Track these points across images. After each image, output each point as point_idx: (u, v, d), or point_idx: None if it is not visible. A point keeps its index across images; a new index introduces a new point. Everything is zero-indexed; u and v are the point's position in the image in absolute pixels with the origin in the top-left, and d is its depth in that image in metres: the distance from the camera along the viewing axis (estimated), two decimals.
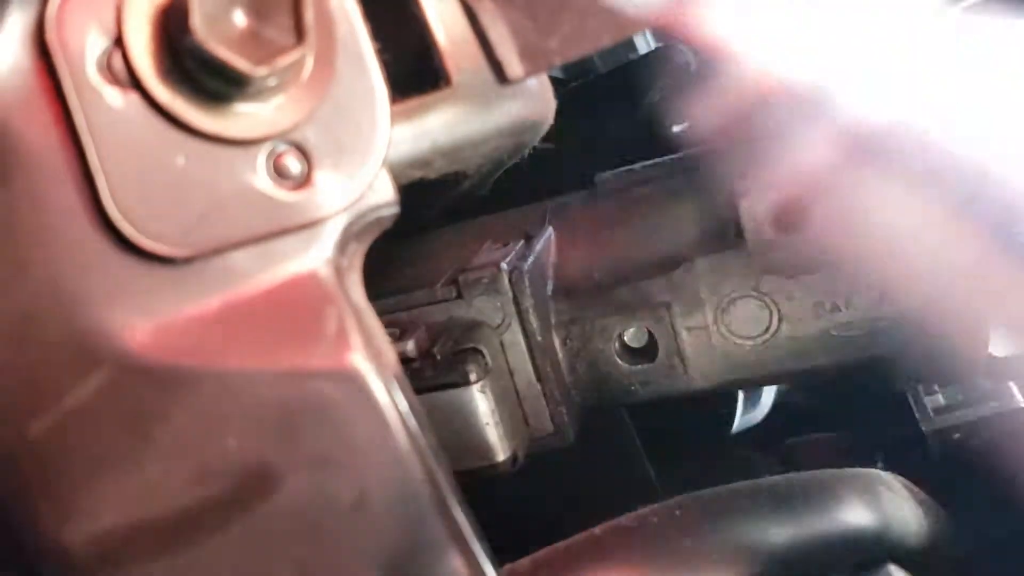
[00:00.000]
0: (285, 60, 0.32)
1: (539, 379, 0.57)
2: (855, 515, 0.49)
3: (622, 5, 0.35)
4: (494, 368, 0.55)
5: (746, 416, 0.95)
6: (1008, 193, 0.39)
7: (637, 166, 0.67)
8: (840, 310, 0.56)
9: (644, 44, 1.01)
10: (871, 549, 0.49)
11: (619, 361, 0.58)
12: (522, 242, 0.60)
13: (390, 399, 0.35)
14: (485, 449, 0.53)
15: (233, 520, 0.33)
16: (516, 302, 0.56)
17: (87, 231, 0.32)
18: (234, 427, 0.33)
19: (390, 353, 0.36)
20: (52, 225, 0.32)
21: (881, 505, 0.49)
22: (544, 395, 0.57)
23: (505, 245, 0.60)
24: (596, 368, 0.59)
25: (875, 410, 0.79)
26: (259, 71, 0.32)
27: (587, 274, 0.60)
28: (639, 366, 0.58)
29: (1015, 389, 0.66)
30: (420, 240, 0.69)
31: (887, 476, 0.52)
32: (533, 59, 0.36)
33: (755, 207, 0.57)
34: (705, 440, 0.93)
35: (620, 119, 0.86)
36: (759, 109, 0.43)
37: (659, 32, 0.94)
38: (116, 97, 0.32)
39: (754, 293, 0.57)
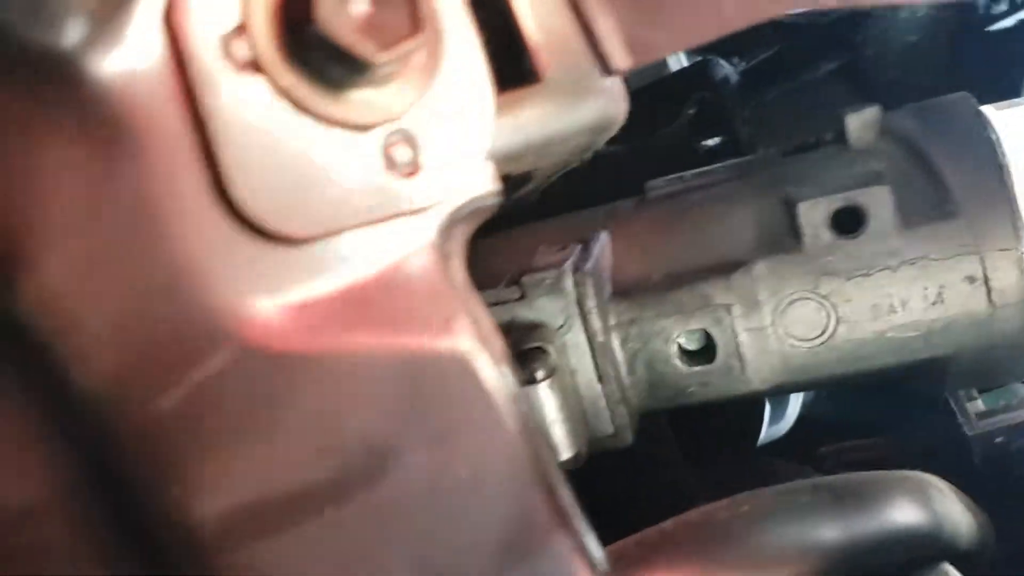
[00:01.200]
0: (405, 47, 0.33)
1: (600, 379, 0.57)
2: (909, 515, 0.49)
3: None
4: (558, 368, 0.56)
5: (772, 429, 0.96)
6: None
7: (687, 174, 0.68)
8: (896, 311, 0.57)
9: (676, 62, 1.02)
10: (925, 549, 0.50)
11: (678, 362, 0.59)
12: (580, 246, 0.61)
13: (500, 381, 0.35)
14: (551, 447, 0.54)
15: (356, 497, 0.33)
16: (579, 303, 0.57)
17: (211, 210, 0.33)
18: (355, 405, 0.33)
19: (497, 337, 0.37)
20: (177, 204, 0.32)
21: (933, 506, 0.50)
22: (605, 395, 0.58)
23: (563, 248, 0.61)
24: (654, 369, 0.59)
25: (907, 418, 0.80)
26: (380, 57, 0.33)
27: (645, 276, 0.60)
28: (698, 367, 0.59)
29: None
30: (471, 246, 0.69)
31: (936, 479, 0.53)
32: (639, 51, 0.37)
33: (813, 210, 0.58)
34: (732, 452, 0.93)
35: (659, 131, 0.88)
36: None
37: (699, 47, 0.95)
38: (238, 81, 0.33)
39: (812, 295, 0.58)
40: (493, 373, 0.35)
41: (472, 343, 0.35)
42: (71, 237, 0.31)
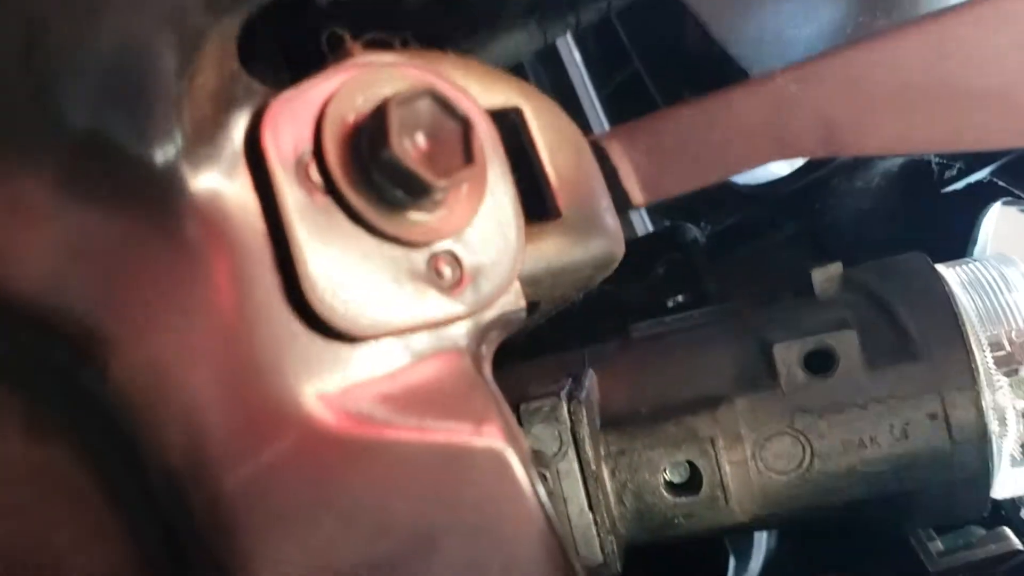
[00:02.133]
0: (459, 176, 0.38)
1: (591, 508, 0.60)
2: None
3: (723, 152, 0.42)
4: (553, 494, 0.59)
5: None
6: None
7: (667, 318, 0.73)
8: (866, 446, 0.62)
9: (642, 227, 1.10)
10: None
11: (665, 493, 0.62)
12: (571, 379, 0.65)
13: (528, 477, 0.39)
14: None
15: None
16: (573, 431, 0.60)
17: (283, 311, 0.37)
18: (400, 491, 0.37)
19: (523, 439, 0.40)
20: (254, 304, 0.36)
21: None
22: (595, 523, 0.60)
23: (556, 382, 0.65)
24: (642, 499, 0.62)
25: (870, 559, 0.83)
26: (440, 183, 0.38)
27: (632, 410, 0.64)
28: (684, 498, 0.62)
29: (1009, 532, 0.71)
30: None
31: None
32: (652, 190, 0.42)
33: (787, 352, 0.63)
34: None
35: (629, 286, 0.93)
36: None
37: (667, 210, 1.03)
38: (313, 200, 0.38)
39: (789, 430, 0.62)
40: (523, 469, 0.39)
41: (503, 441, 0.39)
42: (161, 328, 0.35)
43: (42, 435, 0.35)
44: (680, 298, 0.97)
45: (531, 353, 0.75)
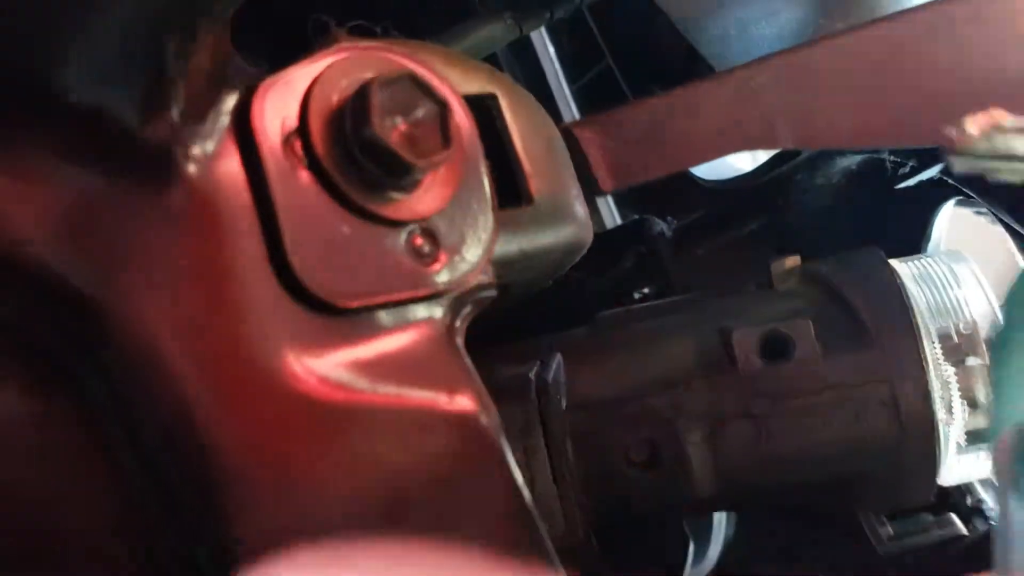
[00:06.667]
0: (438, 158, 0.41)
1: (556, 483, 0.63)
2: None
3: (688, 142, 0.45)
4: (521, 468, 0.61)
5: (696, 569, 1.01)
6: None
7: (632, 307, 0.76)
8: (820, 430, 0.64)
9: (611, 220, 1.12)
10: None
11: (627, 470, 0.65)
12: (539, 362, 0.67)
13: (500, 443, 0.41)
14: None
15: (377, 535, 0.38)
16: (541, 410, 0.62)
17: (268, 278, 0.39)
18: (376, 454, 0.39)
19: (495, 409, 0.43)
20: (241, 272, 0.38)
21: None
22: (561, 498, 0.63)
23: (523, 364, 0.67)
24: (606, 476, 0.65)
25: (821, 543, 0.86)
26: (418, 163, 0.40)
27: (598, 391, 0.67)
28: (645, 475, 0.65)
29: (955, 518, 0.74)
30: None
31: None
32: (619, 177, 0.45)
33: (745, 338, 0.66)
34: None
35: (597, 277, 0.96)
36: None
37: (635, 204, 1.06)
38: (298, 176, 0.40)
39: (746, 413, 0.65)
40: (495, 433, 0.41)
41: (477, 408, 0.41)
42: (154, 292, 0.37)
43: (42, 391, 0.37)
44: (646, 290, 1.00)
45: (503, 338, 0.77)
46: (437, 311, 0.43)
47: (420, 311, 0.42)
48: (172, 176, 0.38)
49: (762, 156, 0.87)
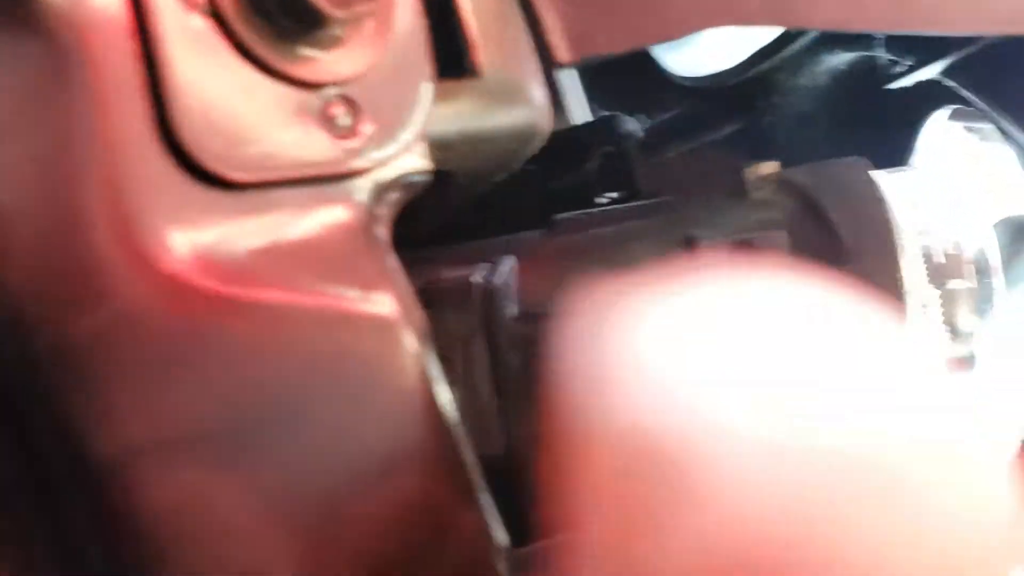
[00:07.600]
0: (362, 8, 0.34)
1: (499, 395, 0.58)
2: None
3: (664, 9, 0.38)
4: (459, 379, 0.56)
5: None
6: None
7: (593, 211, 0.70)
8: None
9: (582, 114, 1.05)
10: None
11: None
12: (488, 264, 0.62)
13: (420, 351, 0.36)
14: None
15: (262, 446, 0.32)
16: (484, 316, 0.57)
17: (148, 144, 0.32)
18: (270, 355, 0.33)
19: (419, 312, 0.37)
20: (118, 132, 0.32)
21: None
22: (501, 412, 0.58)
23: (470, 266, 0.62)
24: None
25: None
26: (337, 12, 0.33)
27: (549, 299, 0.61)
28: None
29: None
30: None
31: None
32: (581, 46, 0.38)
33: (712, 251, 0.60)
34: None
35: (561, 178, 0.90)
36: None
37: (603, 101, 0.99)
38: (193, 22, 0.33)
39: None
40: (414, 343, 0.36)
41: (396, 310, 0.36)
42: (9, 147, 0.30)
43: None
44: (613, 195, 0.94)
45: (451, 239, 0.71)
46: (354, 194, 0.36)
47: (332, 192, 0.36)
48: (34, 13, 0.31)
49: (743, 52, 0.80)
